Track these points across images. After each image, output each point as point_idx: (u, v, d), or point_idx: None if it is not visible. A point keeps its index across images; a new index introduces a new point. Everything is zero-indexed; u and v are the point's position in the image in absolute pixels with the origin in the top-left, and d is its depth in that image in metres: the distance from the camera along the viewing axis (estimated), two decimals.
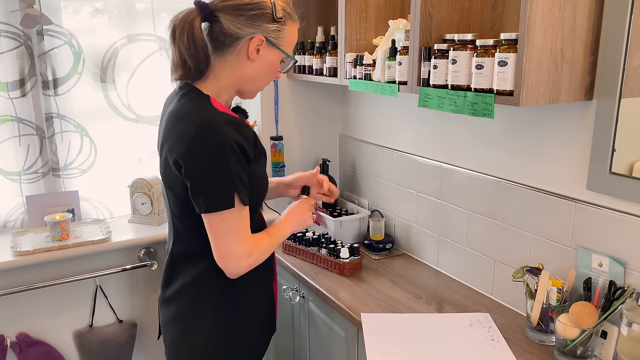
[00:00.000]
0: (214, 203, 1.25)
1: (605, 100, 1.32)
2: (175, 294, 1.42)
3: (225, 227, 1.28)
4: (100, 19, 2.13)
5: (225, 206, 1.25)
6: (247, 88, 1.38)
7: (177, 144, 1.26)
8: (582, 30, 1.30)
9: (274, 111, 2.31)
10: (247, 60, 1.32)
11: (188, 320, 1.41)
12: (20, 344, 2.00)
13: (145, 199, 2.18)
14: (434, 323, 1.57)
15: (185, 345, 1.43)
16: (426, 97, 1.50)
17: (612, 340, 1.36)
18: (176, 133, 1.27)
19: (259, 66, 1.34)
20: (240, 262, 1.31)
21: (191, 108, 1.28)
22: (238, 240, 1.29)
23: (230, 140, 1.23)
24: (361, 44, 1.91)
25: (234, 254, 1.30)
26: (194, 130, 1.23)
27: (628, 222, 1.33)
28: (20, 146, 2.08)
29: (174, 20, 1.28)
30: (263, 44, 1.30)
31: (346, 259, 1.90)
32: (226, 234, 1.28)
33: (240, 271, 1.32)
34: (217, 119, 1.25)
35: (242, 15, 1.27)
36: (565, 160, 1.47)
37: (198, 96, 1.31)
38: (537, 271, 1.47)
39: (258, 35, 1.29)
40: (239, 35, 1.29)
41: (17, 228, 2.13)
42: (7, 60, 1.99)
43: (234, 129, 1.25)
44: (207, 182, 1.24)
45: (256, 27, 1.29)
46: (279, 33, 1.32)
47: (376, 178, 2.25)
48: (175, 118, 1.29)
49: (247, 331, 1.45)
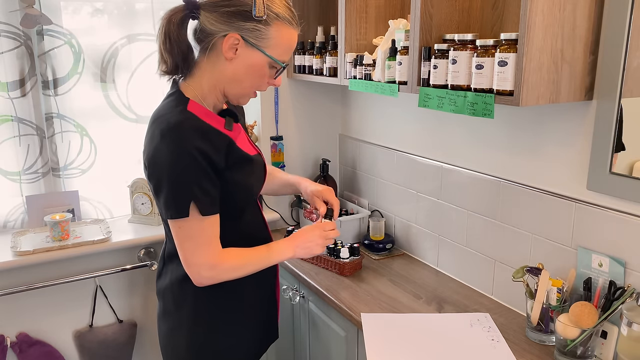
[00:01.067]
0: (168, 210, 1.24)
1: (605, 100, 1.32)
2: (163, 290, 1.45)
3: (184, 234, 1.26)
4: (100, 19, 2.13)
5: (179, 215, 1.23)
6: (230, 90, 1.31)
7: (147, 145, 1.27)
8: (582, 30, 1.30)
9: (274, 111, 2.31)
10: (225, 61, 1.26)
11: (173, 318, 1.43)
12: (20, 344, 2.00)
13: (145, 199, 2.18)
14: (434, 323, 1.57)
15: (172, 342, 1.44)
16: (426, 97, 1.50)
17: (612, 340, 1.36)
18: (149, 135, 1.27)
19: (239, 67, 1.26)
20: (201, 271, 1.28)
21: (166, 110, 1.27)
22: (198, 250, 1.27)
23: (191, 148, 1.19)
24: (361, 44, 1.91)
25: (193, 263, 1.28)
26: (159, 133, 1.22)
27: (628, 222, 1.33)
28: (20, 146, 2.08)
29: (162, 17, 1.27)
30: (240, 43, 1.23)
31: (346, 259, 1.90)
32: (185, 242, 1.27)
33: (202, 281, 1.30)
34: (183, 124, 1.21)
35: (217, 11, 1.22)
36: (565, 160, 1.47)
37: (177, 98, 1.29)
38: (537, 271, 1.47)
39: (232, 33, 1.22)
40: (212, 32, 1.23)
41: (17, 228, 2.13)
42: (7, 60, 1.99)
43: (200, 136, 1.22)
44: (164, 189, 1.23)
45: (229, 24, 1.22)
46: (258, 33, 1.23)
47: (376, 178, 2.25)
48: (152, 120, 1.29)
49: (234, 334, 1.44)
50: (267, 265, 1.40)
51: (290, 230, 2.08)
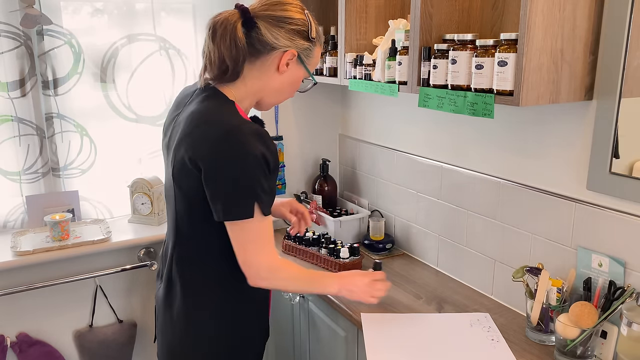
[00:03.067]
0: (232, 211, 1.25)
1: (605, 100, 1.32)
2: (175, 298, 1.39)
3: (247, 236, 1.28)
4: (100, 19, 2.13)
5: (244, 215, 1.25)
6: (268, 99, 1.40)
7: (199, 145, 1.24)
8: (582, 30, 1.30)
9: (274, 111, 2.31)
10: (275, 72, 1.33)
11: (188, 325, 1.39)
12: (20, 344, 2.01)
13: (145, 199, 2.18)
14: (434, 323, 1.57)
15: (184, 350, 1.41)
16: (426, 97, 1.50)
17: (612, 340, 1.36)
18: (199, 134, 1.25)
19: (285, 80, 1.36)
20: (261, 272, 1.31)
21: (217, 112, 1.28)
22: (262, 251, 1.30)
23: (256, 151, 1.22)
24: (361, 44, 1.91)
25: (254, 264, 1.30)
26: (221, 135, 1.22)
27: (628, 222, 1.33)
28: (20, 146, 2.08)
29: (215, 20, 1.27)
30: (294, 59, 1.33)
31: (346, 259, 1.90)
32: (248, 243, 1.29)
33: (258, 282, 1.32)
34: (244, 127, 1.24)
35: (282, 27, 1.29)
36: (565, 160, 1.47)
37: (224, 101, 1.31)
38: (537, 271, 1.47)
39: (292, 49, 1.31)
40: (276, 46, 1.30)
41: (17, 228, 2.13)
42: (7, 60, 1.99)
43: (260, 139, 1.25)
44: (228, 190, 1.24)
45: (292, 41, 1.31)
46: (309, 52, 1.36)
47: (376, 178, 2.25)
48: (198, 119, 1.27)
49: (248, 336, 1.45)
50: (312, 289, 1.48)
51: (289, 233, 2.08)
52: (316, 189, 2.36)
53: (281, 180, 2.33)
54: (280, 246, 2.14)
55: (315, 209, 2.19)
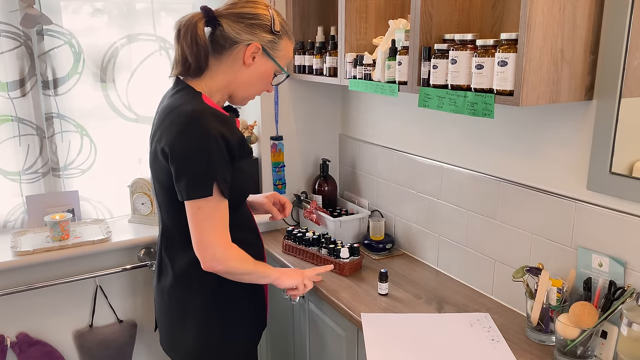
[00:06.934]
0: (193, 190, 1.30)
1: (605, 100, 1.32)
2: (167, 285, 1.48)
3: (203, 215, 1.31)
4: (100, 19, 2.13)
5: (204, 194, 1.29)
6: (238, 93, 1.46)
7: (166, 133, 1.32)
8: (582, 30, 1.30)
9: (274, 111, 2.31)
10: (242, 66, 1.41)
11: (181, 311, 1.47)
12: (20, 344, 2.01)
13: (145, 199, 2.18)
14: (434, 323, 1.57)
15: (180, 335, 1.48)
16: (426, 97, 1.50)
17: (612, 340, 1.36)
18: (166, 124, 1.33)
19: (253, 73, 1.43)
20: (216, 252, 1.33)
21: (182, 101, 1.35)
22: (215, 231, 1.33)
23: (215, 133, 1.29)
24: (361, 44, 1.91)
25: (209, 243, 1.33)
26: (183, 119, 1.29)
27: (628, 222, 1.33)
28: (20, 146, 2.08)
29: (180, 22, 1.37)
30: (259, 52, 1.40)
31: (346, 259, 1.90)
32: (203, 222, 1.32)
33: (213, 264, 1.34)
34: (205, 111, 1.31)
35: (243, 22, 1.38)
36: (565, 160, 1.47)
37: (191, 92, 1.38)
38: (537, 271, 1.47)
39: (255, 42, 1.39)
40: (237, 40, 1.38)
41: (17, 228, 2.13)
42: (7, 60, 1.99)
43: (221, 123, 1.32)
44: (189, 169, 1.29)
45: (254, 35, 1.38)
46: (274, 45, 1.42)
47: (376, 178, 2.25)
48: (167, 111, 1.35)
49: (240, 320, 1.50)
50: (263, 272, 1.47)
51: (291, 231, 2.09)
52: (316, 189, 2.36)
53: (281, 180, 2.33)
54: (280, 246, 2.14)
55: (316, 208, 2.20)
